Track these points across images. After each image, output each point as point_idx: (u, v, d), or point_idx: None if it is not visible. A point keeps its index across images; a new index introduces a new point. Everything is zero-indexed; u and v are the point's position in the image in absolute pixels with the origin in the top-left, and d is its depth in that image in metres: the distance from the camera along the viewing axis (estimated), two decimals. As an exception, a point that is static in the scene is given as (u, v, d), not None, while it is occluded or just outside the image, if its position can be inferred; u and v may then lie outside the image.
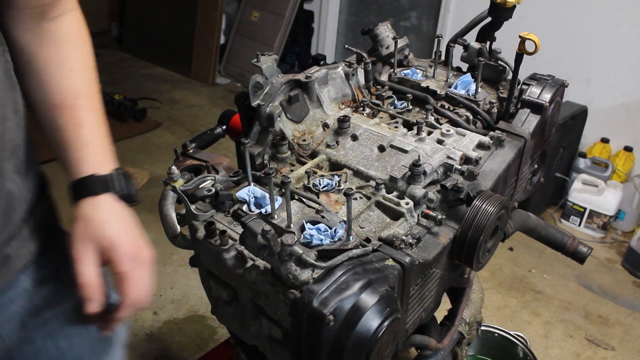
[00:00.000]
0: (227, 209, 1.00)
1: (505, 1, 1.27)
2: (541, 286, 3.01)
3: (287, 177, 0.86)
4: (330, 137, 1.17)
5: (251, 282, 0.89)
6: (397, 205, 0.97)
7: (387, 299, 0.80)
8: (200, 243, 0.96)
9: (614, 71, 3.53)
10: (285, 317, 0.85)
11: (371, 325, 0.77)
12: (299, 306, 0.79)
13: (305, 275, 0.80)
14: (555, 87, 1.27)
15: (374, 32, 1.44)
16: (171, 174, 1.02)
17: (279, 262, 0.81)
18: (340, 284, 0.79)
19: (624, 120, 3.60)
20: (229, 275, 0.95)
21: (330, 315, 0.77)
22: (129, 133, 4.30)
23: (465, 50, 1.41)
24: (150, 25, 5.87)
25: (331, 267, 0.81)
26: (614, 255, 3.34)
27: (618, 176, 3.58)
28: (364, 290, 0.79)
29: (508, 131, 1.21)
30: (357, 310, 0.78)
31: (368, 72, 1.36)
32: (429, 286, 0.99)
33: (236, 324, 1.02)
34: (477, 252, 0.95)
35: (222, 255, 0.92)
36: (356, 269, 0.82)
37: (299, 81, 1.19)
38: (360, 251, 0.85)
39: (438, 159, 1.06)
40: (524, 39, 1.18)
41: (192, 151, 1.35)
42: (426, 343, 1.14)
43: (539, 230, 1.27)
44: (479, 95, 1.30)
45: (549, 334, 2.67)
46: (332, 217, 0.92)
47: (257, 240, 0.86)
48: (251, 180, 1.03)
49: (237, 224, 0.96)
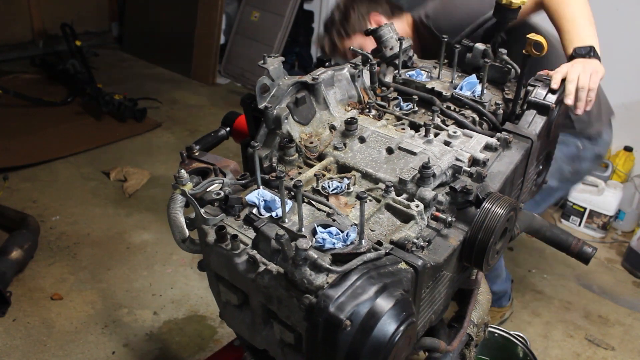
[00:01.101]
0: (237, 212, 0.99)
1: (511, 2, 1.27)
2: (541, 286, 3.02)
3: (300, 181, 0.86)
4: (338, 139, 1.17)
5: (263, 287, 0.88)
6: (407, 208, 0.97)
7: (403, 303, 0.80)
8: (211, 247, 0.95)
9: (614, 71, 3.52)
10: (300, 321, 0.85)
11: (388, 330, 0.77)
12: (315, 311, 0.79)
13: (320, 280, 0.80)
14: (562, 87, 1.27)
15: (378, 33, 1.44)
16: (180, 178, 1.01)
17: (293, 266, 0.81)
18: (355, 289, 0.79)
19: (624, 120, 3.59)
20: (239, 280, 0.94)
21: (347, 320, 0.76)
22: (129, 133, 4.29)
23: (469, 51, 1.41)
24: (150, 25, 5.87)
25: (346, 271, 0.81)
26: (614, 255, 3.35)
27: (618, 176, 3.59)
28: (380, 294, 0.79)
29: (515, 132, 1.21)
30: (373, 315, 0.77)
31: (373, 74, 1.36)
32: (439, 288, 0.99)
33: (245, 328, 1.02)
34: (487, 254, 0.95)
35: (234, 259, 0.92)
36: (371, 273, 0.81)
37: (305, 83, 1.19)
38: (374, 255, 0.85)
39: (447, 161, 1.06)
40: (532, 40, 1.18)
41: (198, 154, 1.35)
42: (436, 345, 1.14)
43: (544, 231, 1.28)
44: (484, 97, 1.30)
45: (549, 334, 2.68)
46: (343, 221, 0.92)
47: (271, 245, 0.86)
48: (260, 184, 1.03)
49: (247, 228, 0.96)
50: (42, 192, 3.49)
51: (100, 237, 3.12)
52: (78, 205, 3.39)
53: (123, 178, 3.68)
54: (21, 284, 2.71)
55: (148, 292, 2.74)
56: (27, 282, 2.73)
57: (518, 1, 1.28)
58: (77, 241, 3.07)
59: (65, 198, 3.45)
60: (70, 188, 3.57)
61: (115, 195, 3.54)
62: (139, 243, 3.08)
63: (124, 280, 2.81)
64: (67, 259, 2.92)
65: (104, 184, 3.66)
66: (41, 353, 2.35)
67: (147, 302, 2.68)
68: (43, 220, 3.18)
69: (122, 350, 2.39)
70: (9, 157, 3.76)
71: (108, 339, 2.44)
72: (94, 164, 3.86)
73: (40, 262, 2.87)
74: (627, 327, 2.76)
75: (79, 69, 4.73)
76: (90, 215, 3.30)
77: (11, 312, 2.54)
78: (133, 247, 3.05)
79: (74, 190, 3.56)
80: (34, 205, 3.34)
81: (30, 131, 4.21)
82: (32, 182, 3.59)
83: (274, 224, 0.89)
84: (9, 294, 2.57)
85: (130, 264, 2.92)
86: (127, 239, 3.12)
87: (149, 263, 2.93)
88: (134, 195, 3.54)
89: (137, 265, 2.91)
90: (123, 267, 2.90)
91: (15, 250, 2.70)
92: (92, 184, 3.64)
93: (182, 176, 1.01)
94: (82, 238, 3.10)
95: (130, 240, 3.11)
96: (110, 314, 2.59)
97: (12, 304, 2.58)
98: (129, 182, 3.62)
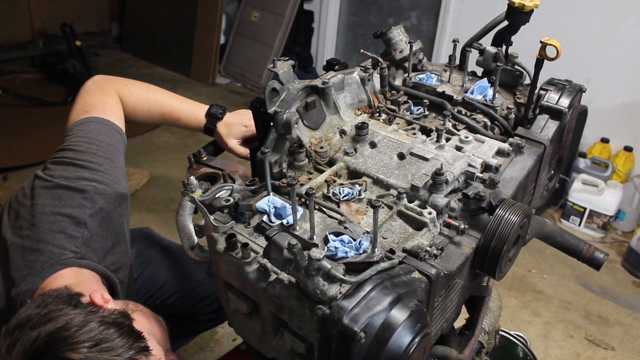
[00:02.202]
0: (247, 219, 0.98)
1: (524, 5, 1.24)
2: (541, 286, 3.02)
3: (312, 189, 0.85)
4: (348, 144, 1.15)
5: (275, 297, 0.87)
6: (420, 215, 0.95)
7: (418, 314, 0.79)
8: (220, 256, 0.94)
9: (614, 71, 3.55)
10: (312, 332, 0.84)
11: (403, 342, 0.76)
12: (328, 323, 0.77)
13: (333, 291, 0.79)
14: (573, 92, 1.26)
15: (387, 36, 1.41)
16: (189, 184, 0.99)
17: (306, 276, 0.79)
18: (370, 300, 0.78)
19: (624, 120, 3.62)
20: (250, 289, 0.93)
21: (361, 332, 0.75)
22: (129, 133, 4.13)
23: (480, 54, 1.38)
24: (150, 25, 5.84)
25: (360, 282, 0.80)
26: (614, 255, 3.36)
27: (618, 176, 3.60)
28: (394, 305, 0.78)
29: (527, 137, 1.19)
30: (388, 326, 0.76)
31: (384, 77, 1.33)
32: (451, 296, 0.98)
33: (255, 337, 1.01)
34: (500, 261, 0.94)
35: (244, 268, 0.90)
36: (385, 284, 0.80)
37: (315, 87, 1.16)
38: (387, 264, 0.84)
39: (459, 167, 1.04)
40: (545, 44, 1.16)
41: (206, 158, 1.34)
42: (447, 354, 1.13)
43: (555, 236, 1.27)
44: (496, 101, 1.28)
45: (549, 334, 2.69)
46: (355, 228, 0.91)
47: (283, 255, 0.84)
48: (270, 190, 1.01)
49: (257, 236, 0.95)
50: (43, 192, 3.48)
51: (102, 238, 3.11)
52: (79, 206, 3.38)
53: (123, 178, 3.67)
54: (23, 285, 2.70)
55: (150, 293, 2.73)
56: (29, 284, 2.72)
57: (531, 4, 1.25)
58: (79, 242, 3.06)
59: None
60: (71, 188, 3.56)
61: (116, 195, 3.53)
62: (141, 244, 3.08)
63: (126, 281, 2.80)
64: (69, 260, 2.91)
65: (105, 184, 3.65)
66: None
67: (149, 303, 2.67)
68: (44, 221, 3.17)
69: (124, 352, 2.39)
70: (9, 157, 3.75)
71: (110, 340, 2.43)
72: (94, 164, 3.84)
73: (42, 264, 2.86)
74: (627, 327, 2.77)
75: (79, 69, 4.72)
76: (91, 216, 3.29)
77: (13, 313, 2.54)
78: (134, 248, 3.04)
79: (74, 190, 3.54)
80: (34, 206, 3.33)
81: (30, 131, 4.19)
82: (32, 182, 3.57)
83: (285, 233, 0.88)
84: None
85: (131, 265, 2.91)
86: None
87: (151, 264, 2.92)
88: (133, 195, 3.53)
89: (138, 266, 2.90)
90: (125, 268, 2.89)
91: (17, 252, 2.69)
92: (92, 185, 3.63)
93: (192, 183, 0.99)
94: (84, 239, 3.09)
95: (132, 241, 3.10)
96: (112, 315, 2.58)
97: (14, 305, 2.57)
98: (129, 182, 3.60)
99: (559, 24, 3.57)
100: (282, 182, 1.04)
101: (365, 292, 0.79)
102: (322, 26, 5.27)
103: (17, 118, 4.40)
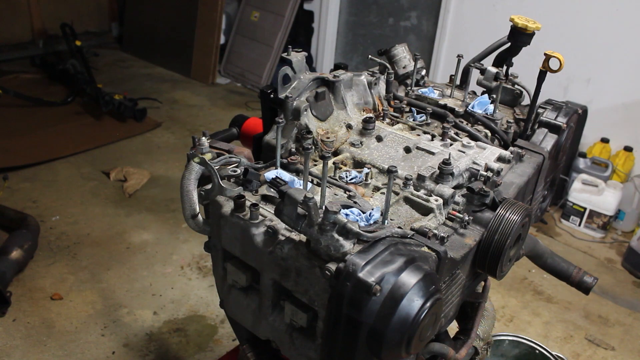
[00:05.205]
0: (255, 188, 0.96)
1: (526, 27, 1.28)
2: (541, 286, 3.02)
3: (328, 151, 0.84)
4: (355, 136, 1.18)
5: (282, 259, 0.85)
6: (426, 201, 0.97)
7: (432, 277, 0.77)
8: (226, 219, 0.91)
9: (614, 71, 3.55)
10: (319, 294, 0.82)
11: (415, 302, 0.74)
12: (342, 276, 0.75)
13: (347, 247, 0.78)
14: (570, 112, 1.30)
15: (391, 53, 1.46)
16: (200, 145, 0.96)
17: (320, 232, 0.78)
18: (384, 257, 0.76)
19: (624, 120, 3.62)
20: (253, 254, 0.91)
21: (376, 285, 0.73)
22: (129, 133, 4.28)
23: (482, 74, 1.42)
24: (150, 25, 5.85)
25: (376, 238, 0.79)
26: (614, 255, 3.36)
27: (618, 176, 3.60)
28: (409, 265, 0.76)
29: (527, 148, 1.23)
30: (401, 285, 0.74)
31: (389, 84, 1.37)
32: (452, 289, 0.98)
33: (250, 315, 0.99)
34: (501, 259, 0.94)
35: (251, 230, 0.88)
36: (399, 246, 0.79)
37: (326, 80, 1.20)
38: (401, 231, 0.83)
39: (464, 163, 1.07)
40: (549, 56, 1.18)
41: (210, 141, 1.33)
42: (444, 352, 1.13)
43: (546, 257, 1.28)
44: (496, 115, 1.32)
45: (549, 334, 2.68)
46: (364, 203, 0.90)
47: (297, 210, 0.81)
48: (279, 165, 1.01)
49: (265, 203, 0.94)
50: (42, 192, 3.48)
51: (100, 237, 3.12)
52: (78, 205, 3.38)
53: (123, 178, 3.68)
54: (21, 284, 2.70)
55: (148, 292, 2.73)
56: (27, 282, 2.72)
57: (533, 26, 1.29)
58: (77, 241, 3.06)
59: (65, 198, 3.44)
60: (70, 188, 3.56)
61: (115, 195, 3.53)
62: (139, 243, 3.08)
63: (124, 280, 2.80)
64: (67, 259, 2.91)
65: (104, 184, 3.65)
66: (41, 353, 2.34)
67: (147, 302, 2.67)
68: (43, 220, 3.17)
69: (122, 350, 2.39)
70: (9, 157, 3.75)
71: (108, 339, 2.44)
72: (94, 164, 3.85)
73: (40, 262, 2.86)
74: (627, 327, 2.77)
75: (79, 69, 4.72)
76: (90, 215, 3.30)
77: (11, 312, 2.53)
78: (133, 247, 3.04)
79: (74, 190, 3.55)
80: (34, 205, 3.33)
81: (30, 131, 4.20)
82: (32, 182, 3.57)
83: (300, 188, 0.86)
84: (9, 294, 2.56)
85: (130, 264, 2.92)
86: (127, 239, 3.11)
87: (149, 263, 2.93)
88: (133, 195, 3.53)
89: (137, 265, 2.90)
90: (123, 267, 2.89)
91: (15, 250, 2.69)
92: (92, 184, 3.63)
93: (203, 144, 0.96)
94: (82, 238, 3.09)
95: (130, 240, 3.10)
96: (110, 314, 2.58)
97: (12, 304, 2.57)
98: (129, 182, 3.61)
99: (559, 24, 3.57)
100: (291, 159, 1.04)
101: (380, 250, 0.78)
102: (322, 26, 5.28)
103: (17, 118, 4.40)
